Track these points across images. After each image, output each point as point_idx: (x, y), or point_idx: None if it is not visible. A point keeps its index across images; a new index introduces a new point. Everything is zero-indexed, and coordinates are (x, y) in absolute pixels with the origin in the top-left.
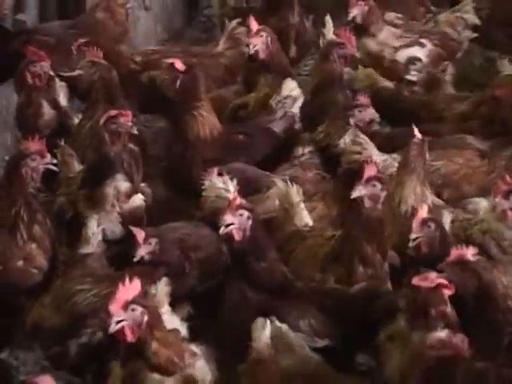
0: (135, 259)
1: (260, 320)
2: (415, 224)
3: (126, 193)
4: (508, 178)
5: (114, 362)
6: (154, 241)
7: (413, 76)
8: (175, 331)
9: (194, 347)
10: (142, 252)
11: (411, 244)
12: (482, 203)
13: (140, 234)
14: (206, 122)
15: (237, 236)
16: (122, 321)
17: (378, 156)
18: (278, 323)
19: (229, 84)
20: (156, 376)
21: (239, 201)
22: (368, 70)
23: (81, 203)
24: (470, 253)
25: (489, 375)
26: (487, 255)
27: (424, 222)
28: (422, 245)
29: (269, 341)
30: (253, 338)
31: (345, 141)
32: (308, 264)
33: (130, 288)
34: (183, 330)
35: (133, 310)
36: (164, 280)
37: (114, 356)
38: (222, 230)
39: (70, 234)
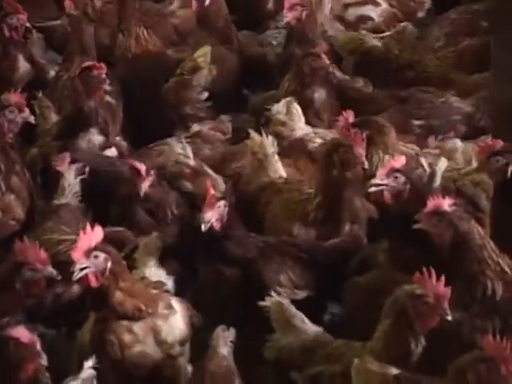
0: (141, 193)
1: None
2: (381, 171)
3: (99, 146)
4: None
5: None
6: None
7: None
8: (159, 283)
9: (173, 301)
10: (146, 185)
11: (370, 189)
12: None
13: (143, 168)
14: None
15: (217, 226)
16: (85, 268)
17: (301, 130)
18: (277, 298)
19: (178, 45)
20: (123, 322)
21: (214, 193)
22: (351, 33)
23: (53, 156)
24: (446, 203)
25: (463, 326)
26: (477, 207)
27: (391, 172)
28: (386, 194)
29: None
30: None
31: (277, 108)
32: (285, 218)
33: (93, 235)
34: (169, 283)
35: (95, 256)
36: (155, 234)
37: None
38: (205, 227)
39: (42, 186)
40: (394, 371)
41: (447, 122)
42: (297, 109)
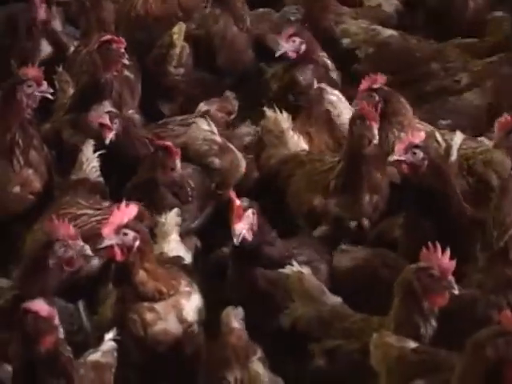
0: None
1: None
2: (399, 146)
3: None
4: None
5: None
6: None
7: None
8: (178, 258)
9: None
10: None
11: (389, 164)
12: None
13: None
14: None
15: (249, 237)
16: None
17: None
18: (298, 267)
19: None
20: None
21: (241, 204)
22: (359, 21)
23: (66, 131)
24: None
25: (477, 302)
26: (487, 186)
27: (410, 147)
28: (404, 167)
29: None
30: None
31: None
32: (308, 190)
33: (126, 213)
34: (187, 258)
35: (125, 234)
36: (175, 210)
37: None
38: (237, 240)
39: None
40: (412, 345)
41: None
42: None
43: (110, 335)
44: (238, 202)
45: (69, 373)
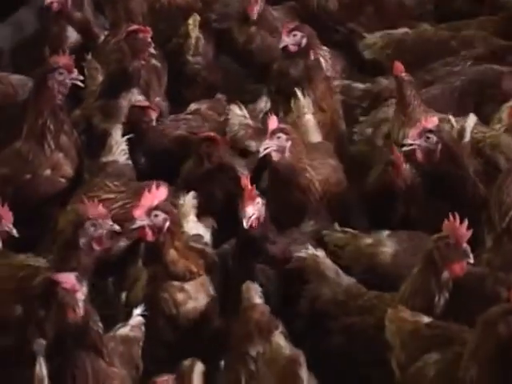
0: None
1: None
2: (413, 131)
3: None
4: None
5: (139, 268)
6: None
7: None
8: (198, 237)
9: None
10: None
11: (404, 149)
12: None
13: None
14: None
15: (255, 224)
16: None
17: None
18: (313, 250)
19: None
20: (175, 282)
21: (253, 188)
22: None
23: (96, 117)
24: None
25: (486, 279)
26: (495, 167)
27: (423, 132)
28: (418, 154)
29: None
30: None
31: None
32: None
33: (156, 195)
34: (207, 236)
35: (156, 215)
36: (191, 193)
37: (135, 262)
38: (247, 222)
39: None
40: (426, 319)
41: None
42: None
43: (138, 310)
44: (250, 186)
45: (98, 346)
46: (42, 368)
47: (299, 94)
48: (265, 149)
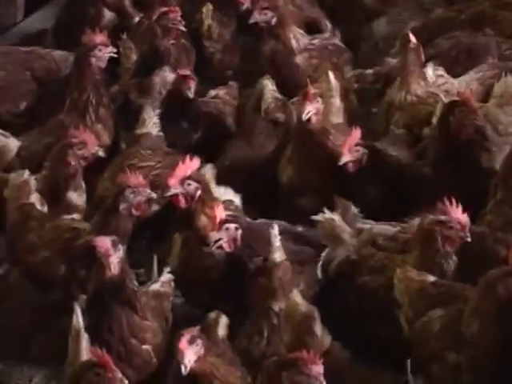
0: None
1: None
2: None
3: (170, 82)
4: None
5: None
6: None
7: None
8: (229, 202)
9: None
10: None
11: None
12: None
13: None
14: None
15: (227, 248)
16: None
17: None
18: (330, 214)
19: None
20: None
21: (223, 215)
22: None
23: (132, 93)
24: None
25: (486, 239)
26: (483, 137)
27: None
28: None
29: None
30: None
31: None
32: None
33: (189, 166)
34: (237, 201)
35: (188, 184)
36: (210, 165)
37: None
38: (212, 246)
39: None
40: (431, 278)
41: None
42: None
43: (168, 268)
44: (222, 214)
45: (132, 302)
46: (78, 320)
47: (331, 76)
48: (308, 112)
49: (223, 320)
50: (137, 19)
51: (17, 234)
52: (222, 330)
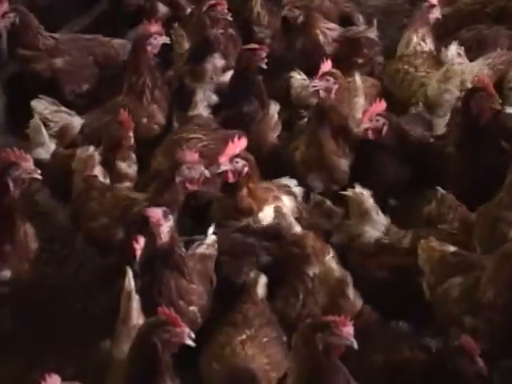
0: None
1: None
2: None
3: (221, 68)
4: None
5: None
6: None
7: None
8: (284, 186)
9: (286, 197)
10: None
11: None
12: None
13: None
14: None
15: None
16: (226, 169)
17: None
18: (360, 189)
19: None
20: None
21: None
22: None
23: (187, 78)
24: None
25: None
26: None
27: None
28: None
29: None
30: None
31: None
32: None
33: (237, 145)
34: (297, 190)
35: (237, 162)
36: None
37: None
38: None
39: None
40: (452, 249)
41: None
42: None
43: (211, 230)
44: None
45: (181, 267)
46: (130, 282)
47: (357, 77)
48: (314, 86)
49: (262, 280)
50: (188, 10)
51: (80, 202)
52: (261, 289)
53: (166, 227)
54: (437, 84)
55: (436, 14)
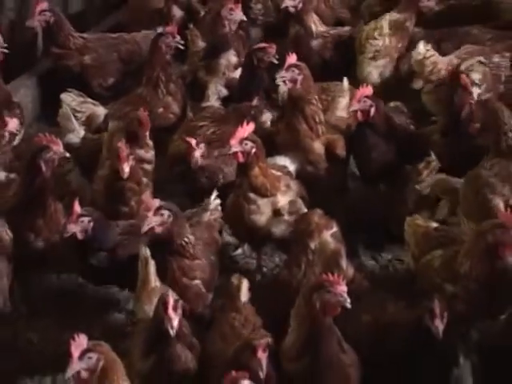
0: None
1: None
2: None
3: (234, 65)
4: None
5: None
6: None
7: None
8: (282, 167)
9: (291, 182)
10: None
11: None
12: None
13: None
14: None
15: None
16: (236, 150)
17: None
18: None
19: None
20: (252, 194)
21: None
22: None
23: (200, 72)
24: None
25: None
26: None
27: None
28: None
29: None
30: None
31: None
32: None
33: (246, 129)
34: (291, 168)
35: (246, 144)
36: None
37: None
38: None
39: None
40: (434, 225)
41: None
42: None
43: (214, 195)
44: (77, 209)
45: (181, 252)
46: (146, 249)
47: (345, 80)
48: (281, 77)
49: (245, 284)
50: (202, 13)
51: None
52: (244, 295)
53: (198, 152)
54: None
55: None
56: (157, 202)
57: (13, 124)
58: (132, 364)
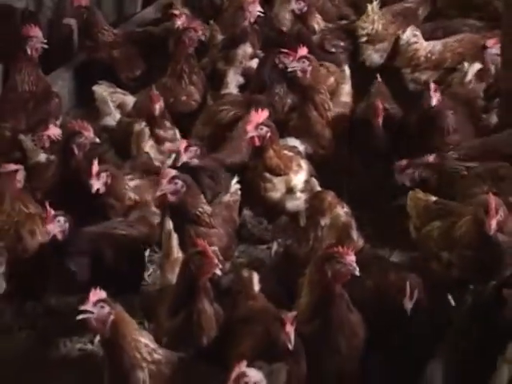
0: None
1: None
2: None
3: (249, 55)
4: None
5: None
6: None
7: None
8: (293, 147)
9: (302, 161)
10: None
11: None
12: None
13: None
14: None
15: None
16: (252, 136)
17: None
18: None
19: None
20: (267, 174)
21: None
22: None
23: (219, 62)
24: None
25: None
26: None
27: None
28: None
29: None
30: None
31: None
32: None
33: (261, 114)
34: (301, 148)
35: (261, 129)
36: None
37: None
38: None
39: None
40: (434, 198)
41: None
42: None
43: (235, 179)
44: (50, 210)
45: (197, 221)
46: (169, 223)
47: (346, 67)
48: (292, 67)
49: (255, 277)
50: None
51: None
52: (256, 286)
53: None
54: None
55: None
56: (172, 172)
57: (53, 130)
58: (160, 324)
